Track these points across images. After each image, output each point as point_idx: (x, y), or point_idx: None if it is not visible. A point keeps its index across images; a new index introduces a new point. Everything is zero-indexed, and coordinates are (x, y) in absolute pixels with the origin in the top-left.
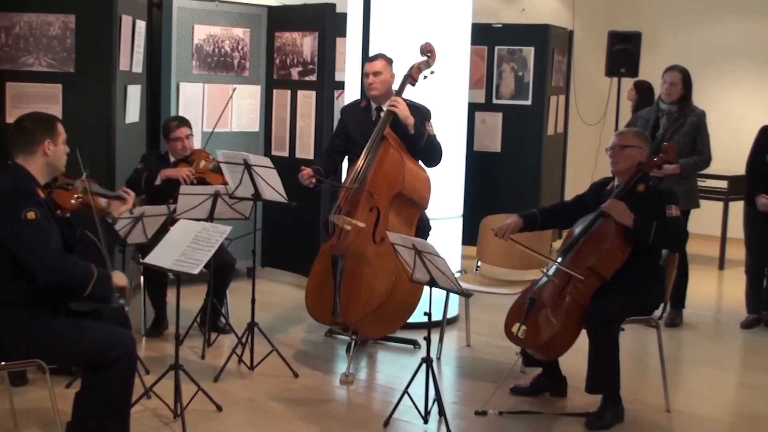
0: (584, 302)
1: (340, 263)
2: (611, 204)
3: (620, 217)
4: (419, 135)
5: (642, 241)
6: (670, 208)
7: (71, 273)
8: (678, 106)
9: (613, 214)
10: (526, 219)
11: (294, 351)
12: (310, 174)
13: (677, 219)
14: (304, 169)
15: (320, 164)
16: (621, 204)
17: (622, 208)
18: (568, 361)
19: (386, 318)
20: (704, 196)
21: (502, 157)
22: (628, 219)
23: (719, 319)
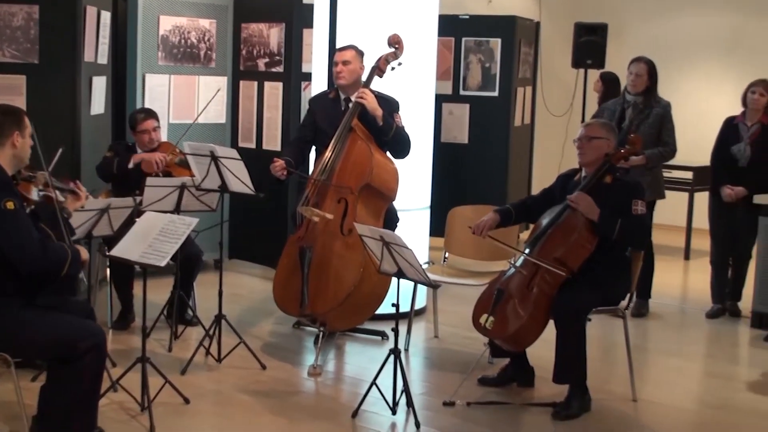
0: (551, 293)
1: (307, 255)
2: (578, 198)
3: (586, 212)
4: (388, 127)
5: (606, 236)
6: (636, 203)
7: (52, 258)
8: (643, 98)
9: (580, 209)
10: (502, 214)
11: (262, 343)
12: (282, 166)
13: (642, 217)
14: (276, 161)
15: (289, 155)
16: (587, 198)
17: (589, 203)
18: (536, 352)
19: (354, 309)
20: (670, 186)
21: (470, 148)
22: (594, 214)
23: (685, 309)
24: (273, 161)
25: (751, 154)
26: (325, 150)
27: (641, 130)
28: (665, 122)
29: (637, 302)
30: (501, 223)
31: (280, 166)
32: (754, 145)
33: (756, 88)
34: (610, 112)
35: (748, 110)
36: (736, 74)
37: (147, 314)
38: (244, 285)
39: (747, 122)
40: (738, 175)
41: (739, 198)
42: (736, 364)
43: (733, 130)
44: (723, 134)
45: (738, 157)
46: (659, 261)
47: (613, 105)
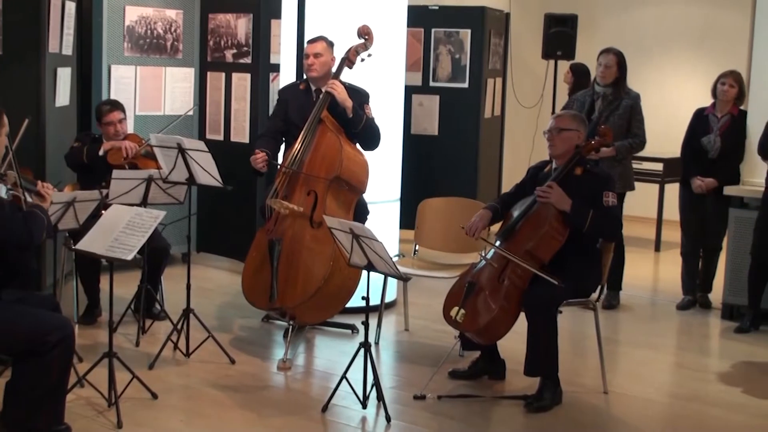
0: (522, 285)
1: (277, 248)
2: (548, 189)
3: (558, 203)
4: (358, 118)
5: (577, 227)
6: (607, 195)
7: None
8: (613, 89)
9: (551, 200)
10: (492, 211)
11: (230, 337)
12: (264, 158)
13: (613, 209)
14: (257, 153)
15: (266, 147)
16: (558, 189)
17: (560, 194)
18: (507, 344)
19: (324, 303)
20: (640, 178)
21: (440, 140)
22: (566, 204)
23: (655, 300)
24: (254, 153)
25: (721, 145)
26: (295, 141)
27: (611, 122)
28: (635, 114)
29: (607, 294)
30: (491, 221)
31: (262, 159)
32: (723, 137)
33: (726, 79)
34: (580, 103)
35: (718, 101)
36: (706, 65)
37: (114, 309)
38: (213, 278)
39: (717, 113)
40: (708, 167)
41: (709, 189)
42: (706, 356)
43: (703, 122)
44: (693, 125)
45: (708, 148)
46: (630, 253)
47: (583, 96)
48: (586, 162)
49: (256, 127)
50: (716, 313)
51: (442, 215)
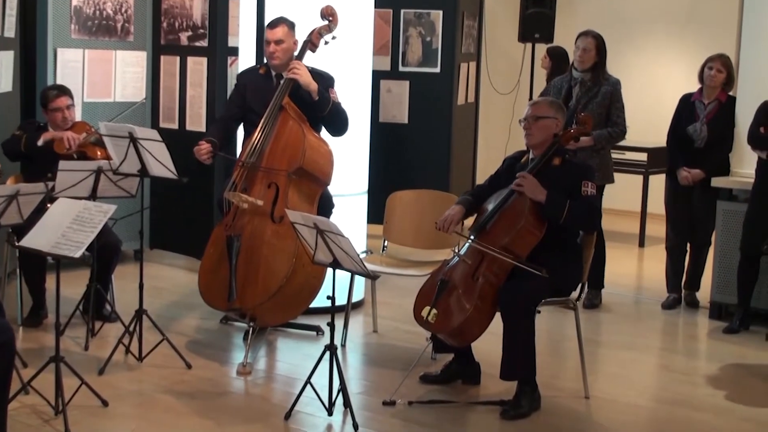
0: (498, 283)
1: (235, 244)
2: (521, 180)
3: (532, 194)
4: (324, 101)
5: (554, 220)
6: (586, 184)
7: None
8: (591, 74)
9: (525, 191)
10: (466, 205)
11: (186, 340)
12: (208, 149)
13: (591, 198)
14: (201, 144)
15: (214, 134)
16: (532, 180)
17: (533, 184)
18: (482, 347)
19: (286, 303)
20: (623, 169)
21: (410, 128)
22: (541, 194)
23: (639, 299)
24: (198, 144)
25: (708, 134)
26: (254, 130)
27: (589, 109)
28: (614, 101)
29: (589, 293)
30: (465, 215)
31: (206, 150)
32: (710, 125)
33: (713, 63)
34: (556, 89)
35: (705, 87)
36: (692, 48)
37: (61, 310)
38: (167, 277)
39: (704, 100)
40: (695, 157)
41: (696, 181)
42: (693, 358)
43: (689, 109)
44: (679, 113)
45: (694, 137)
46: (612, 249)
47: (560, 82)
48: (564, 152)
49: (213, 115)
50: (704, 313)
51: (412, 209)
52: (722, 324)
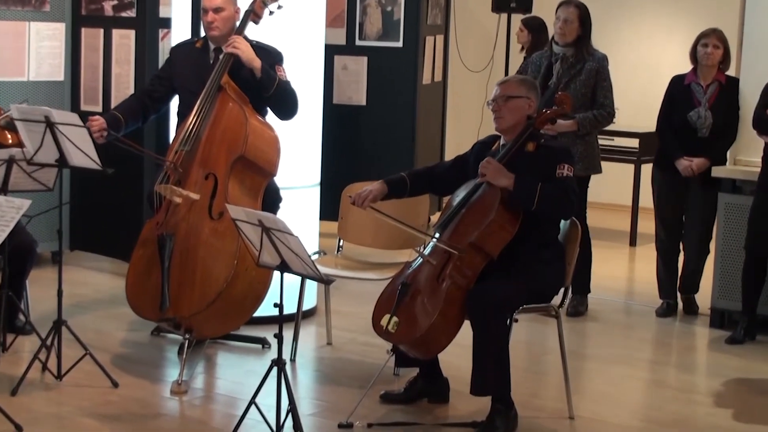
0: (467, 286)
1: (168, 245)
2: (485, 167)
3: (496, 179)
4: (269, 79)
5: (525, 206)
6: (562, 167)
7: None
8: (574, 49)
9: (488, 177)
10: (391, 184)
11: (112, 355)
12: (101, 126)
13: (566, 180)
14: (95, 120)
15: (123, 109)
16: (496, 165)
17: (497, 169)
18: (451, 360)
19: (227, 312)
20: (611, 157)
21: (368, 111)
22: (507, 179)
23: (631, 306)
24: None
25: (713, 120)
26: (189, 113)
27: (571, 89)
28: (600, 79)
29: (573, 298)
30: (390, 194)
31: (98, 127)
32: (713, 110)
33: (707, 39)
34: (535, 66)
35: (700, 67)
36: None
37: None
38: (90, 283)
39: (701, 82)
40: (697, 146)
41: (700, 170)
42: (691, 373)
43: (684, 93)
44: (671, 97)
45: (697, 125)
46: (600, 248)
47: (539, 58)
48: (539, 136)
49: None
50: (704, 320)
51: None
52: (725, 333)
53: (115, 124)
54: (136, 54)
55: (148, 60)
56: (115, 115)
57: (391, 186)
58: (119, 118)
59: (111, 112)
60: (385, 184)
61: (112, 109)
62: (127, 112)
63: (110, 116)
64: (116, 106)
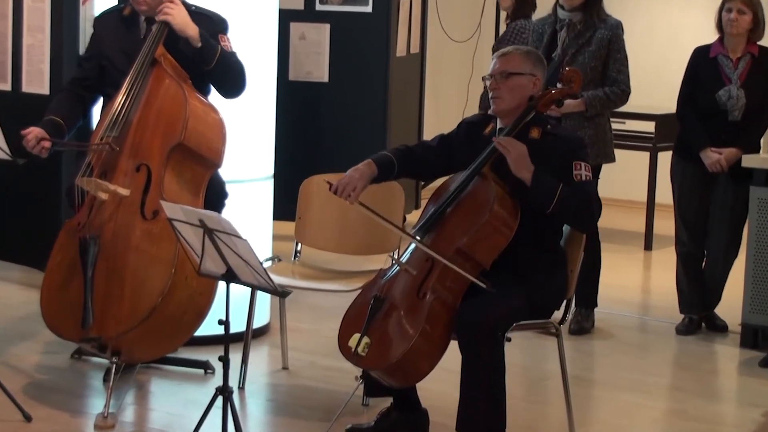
0: (454, 301)
1: (92, 250)
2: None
3: (517, 164)
4: (209, 49)
5: (539, 207)
6: (579, 166)
7: None
8: (582, 14)
9: (509, 159)
10: (380, 166)
11: (25, 382)
12: (38, 137)
13: (586, 185)
14: (28, 132)
15: (57, 112)
16: (521, 146)
17: (523, 153)
18: (431, 387)
19: (162, 331)
20: (622, 144)
21: (331, 89)
22: (527, 170)
23: (646, 322)
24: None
25: (747, 100)
26: (117, 94)
27: (579, 62)
28: (613, 50)
29: (577, 313)
30: (378, 178)
31: (34, 138)
32: (747, 88)
33: (732, 3)
34: (537, 34)
35: (727, 37)
36: None
37: None
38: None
39: (729, 54)
40: (726, 131)
41: (730, 163)
42: (718, 401)
43: (710, 67)
44: (694, 72)
45: (728, 106)
46: (609, 253)
47: (540, 25)
48: (545, 121)
49: (60, 73)
50: (733, 339)
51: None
52: (758, 355)
53: (57, 131)
54: (52, 21)
55: (66, 28)
56: (52, 120)
57: (380, 168)
58: (58, 122)
59: (46, 119)
60: (375, 165)
61: (46, 115)
62: (65, 113)
63: (47, 123)
64: (48, 109)
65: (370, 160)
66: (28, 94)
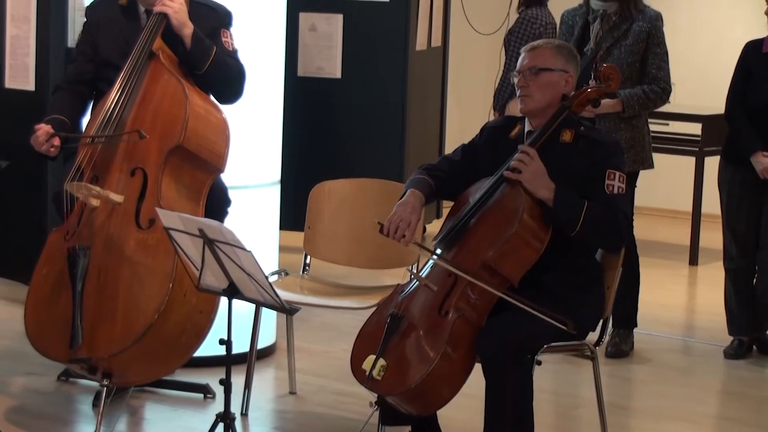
0: (479, 320)
1: (81, 262)
2: (522, 162)
3: (534, 186)
4: (200, 51)
5: (563, 229)
6: (612, 176)
7: None
8: (618, 4)
9: (523, 180)
10: (426, 192)
11: (9, 405)
12: (47, 132)
13: (619, 199)
14: (39, 128)
15: (60, 110)
16: (539, 164)
17: (539, 172)
18: (453, 415)
19: (158, 351)
20: (665, 148)
21: (344, 86)
22: (546, 190)
23: (691, 344)
24: (35, 130)
25: None
26: (111, 90)
27: (614, 57)
28: (652, 44)
29: (614, 334)
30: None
31: (44, 135)
32: None
33: None
34: (568, 26)
35: None
36: None
37: None
38: None
39: None
40: None
41: None
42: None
43: (763, 64)
44: (746, 70)
45: None
46: (651, 268)
47: (571, 16)
48: (578, 122)
49: (47, 66)
50: None
51: (347, 207)
52: None
53: (65, 130)
54: (38, 10)
55: (54, 18)
56: (59, 119)
57: (426, 195)
58: (65, 121)
59: (52, 117)
60: (420, 193)
61: (49, 114)
62: (69, 112)
63: (55, 122)
64: (50, 109)
65: (414, 189)
66: (12, 90)
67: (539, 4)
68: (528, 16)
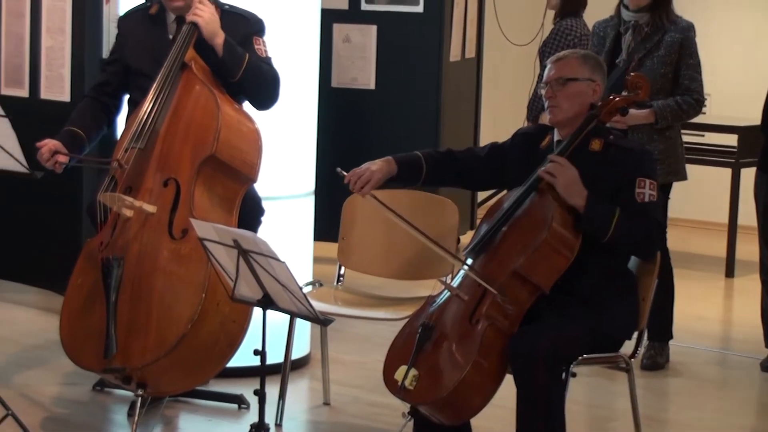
0: (510, 329)
1: (115, 272)
2: (556, 168)
3: (567, 192)
4: (233, 59)
5: (595, 236)
6: (643, 183)
7: None
8: (650, 16)
9: (557, 185)
10: (401, 165)
11: (42, 416)
12: (53, 149)
13: (651, 206)
14: (42, 145)
15: (79, 120)
16: (572, 171)
17: (573, 179)
18: (485, 425)
19: (192, 361)
20: (700, 159)
21: (377, 97)
22: (580, 197)
23: (727, 356)
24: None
25: None
26: (143, 101)
27: (647, 68)
28: (685, 55)
29: (649, 346)
30: (398, 178)
31: (48, 151)
32: None
33: None
34: (599, 38)
35: None
36: None
37: None
38: (12, 320)
39: None
40: None
41: None
42: None
43: None
44: None
45: None
46: (686, 280)
47: (603, 27)
48: (607, 132)
49: (82, 78)
50: None
51: (381, 218)
52: None
53: (76, 143)
54: (74, 22)
55: (89, 30)
56: (71, 131)
57: (401, 167)
58: (78, 133)
59: (66, 130)
60: (395, 163)
61: (66, 126)
62: (86, 123)
63: (65, 135)
64: (70, 119)
65: (391, 158)
66: (47, 101)
67: (574, 15)
68: (563, 26)
